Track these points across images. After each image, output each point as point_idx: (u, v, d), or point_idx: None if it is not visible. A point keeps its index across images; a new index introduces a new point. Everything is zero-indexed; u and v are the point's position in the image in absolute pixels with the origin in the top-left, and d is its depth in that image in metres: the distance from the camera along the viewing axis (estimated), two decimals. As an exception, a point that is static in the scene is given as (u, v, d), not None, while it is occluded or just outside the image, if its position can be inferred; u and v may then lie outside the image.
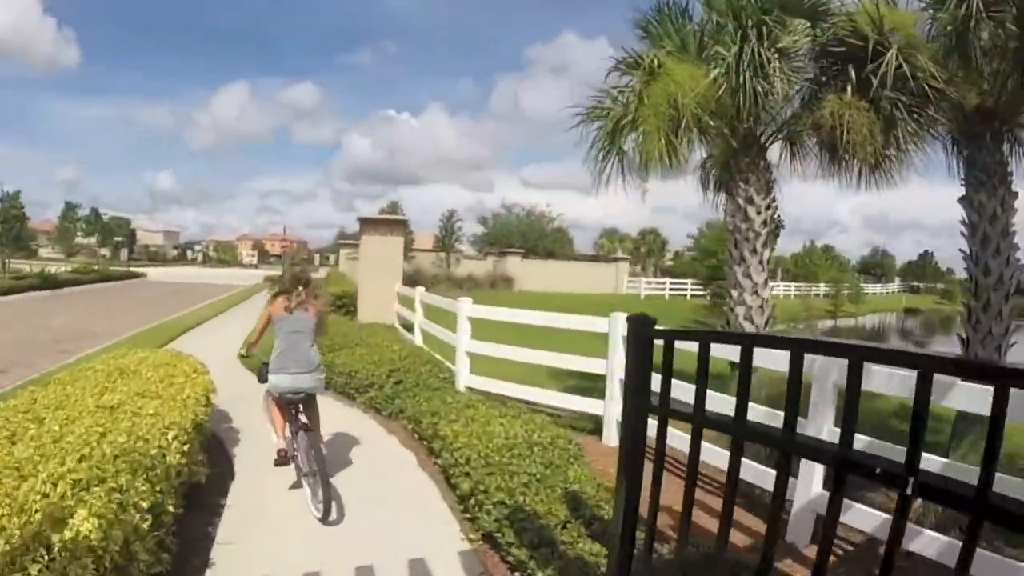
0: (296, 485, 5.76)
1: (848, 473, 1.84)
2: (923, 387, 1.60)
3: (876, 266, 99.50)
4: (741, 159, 8.99)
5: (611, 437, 7.31)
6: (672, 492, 3.34)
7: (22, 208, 27.80)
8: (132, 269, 52.76)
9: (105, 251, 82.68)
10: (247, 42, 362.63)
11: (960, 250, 7.93)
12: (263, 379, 5.79)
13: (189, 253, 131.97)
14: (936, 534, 4.05)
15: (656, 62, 8.00)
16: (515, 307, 9.65)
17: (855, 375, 1.85)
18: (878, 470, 1.72)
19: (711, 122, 8.46)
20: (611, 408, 7.29)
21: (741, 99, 7.96)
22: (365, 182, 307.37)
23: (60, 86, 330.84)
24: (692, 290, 44.79)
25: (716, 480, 6.10)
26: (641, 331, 2.70)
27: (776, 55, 7.79)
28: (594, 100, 9.20)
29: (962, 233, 7.87)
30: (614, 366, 7.23)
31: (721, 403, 5.17)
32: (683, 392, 3.48)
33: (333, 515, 5.11)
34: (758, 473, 5.11)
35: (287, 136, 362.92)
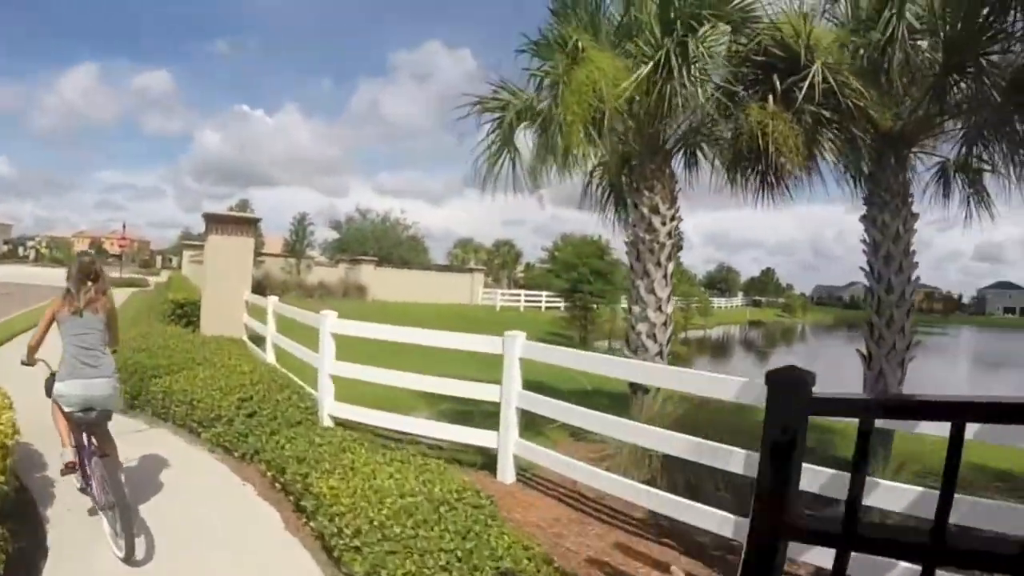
0: (93, 512, 5.09)
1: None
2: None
3: (721, 280, 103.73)
4: (647, 165, 8.39)
5: (507, 473, 6.45)
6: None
7: None
8: None
9: None
10: (99, 20, 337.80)
11: (861, 268, 8.14)
12: (50, 391, 5.09)
13: (20, 250, 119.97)
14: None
15: (579, 46, 7.14)
16: (370, 319, 8.69)
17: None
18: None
19: (623, 122, 7.64)
20: (508, 440, 6.40)
21: (655, 100, 7.46)
22: (214, 181, 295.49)
23: None
24: (548, 302, 44.84)
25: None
26: (794, 396, 1.49)
27: (704, 57, 7.25)
28: (489, 91, 8.44)
29: (864, 251, 8.01)
30: (510, 394, 6.35)
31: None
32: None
33: (139, 554, 4.52)
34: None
35: (136, 127, 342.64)
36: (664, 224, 8.30)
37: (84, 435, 5.04)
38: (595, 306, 30.24)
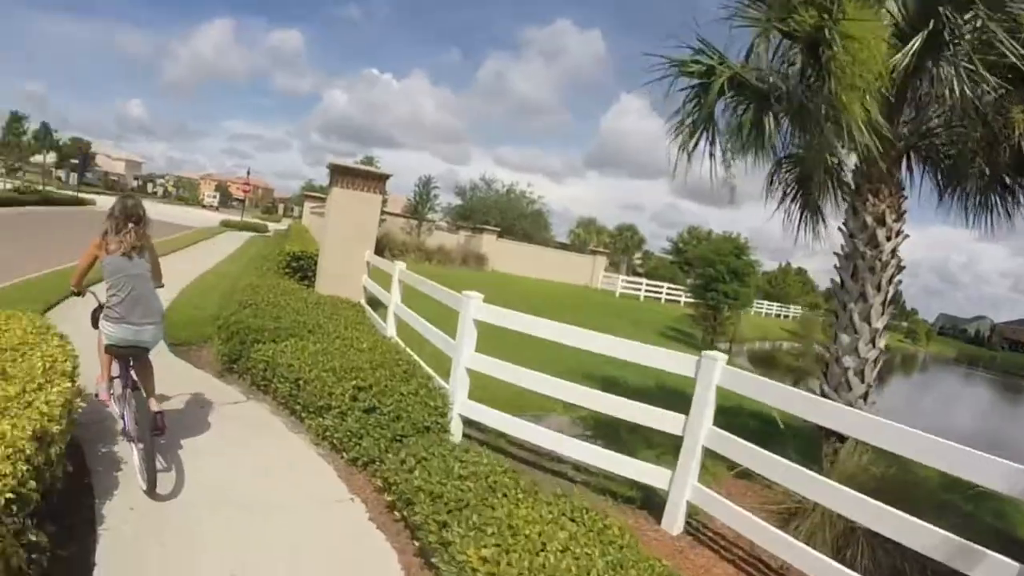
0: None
1: None
2: None
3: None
4: (877, 165, 6.63)
5: (675, 521, 5.15)
6: None
7: None
8: (80, 195, 45.74)
9: (61, 173, 76.79)
10: None
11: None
12: (96, 323, 5.14)
13: (150, 186, 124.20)
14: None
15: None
16: (491, 291, 7.34)
17: None
18: None
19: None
20: (684, 483, 5.06)
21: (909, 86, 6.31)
22: (339, 138, 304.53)
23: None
24: (668, 295, 43.33)
25: None
26: None
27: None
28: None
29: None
30: (698, 429, 4.96)
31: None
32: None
33: (159, 490, 4.52)
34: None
35: (266, 82, 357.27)
36: (889, 239, 6.64)
37: (125, 366, 5.11)
38: (725, 307, 28.30)
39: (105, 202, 51.34)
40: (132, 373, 5.09)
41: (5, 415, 3.41)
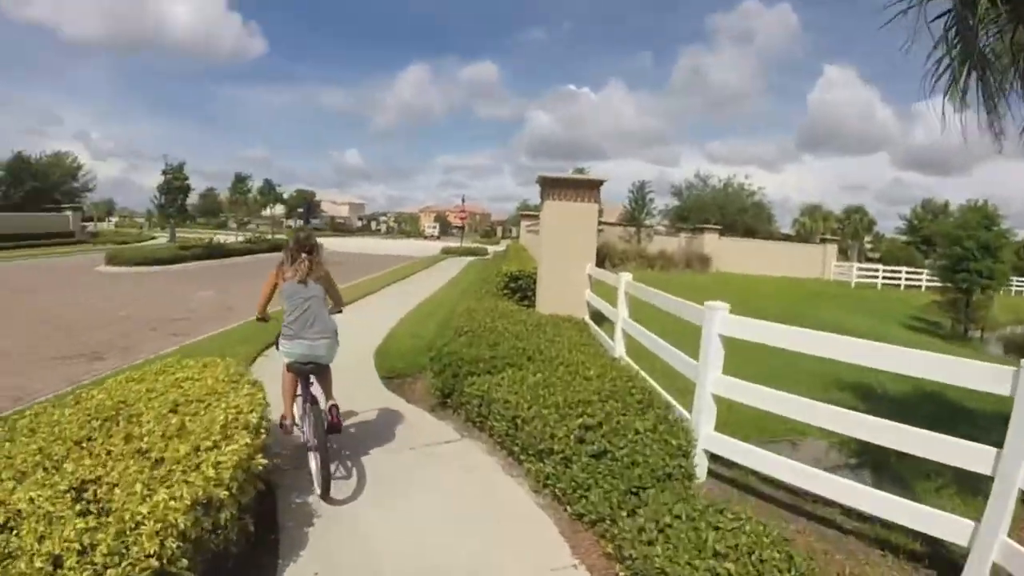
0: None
1: None
2: None
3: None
4: None
5: None
6: None
7: (186, 179, 25.45)
8: None
9: (291, 222, 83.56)
10: (422, 26, 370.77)
11: None
12: (278, 345, 5.77)
13: (373, 224, 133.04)
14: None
15: None
16: (718, 290, 6.13)
17: None
18: None
19: None
20: (990, 539, 3.56)
21: None
22: (547, 157, 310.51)
23: (247, 76, 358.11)
24: (907, 280, 39.21)
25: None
26: None
27: None
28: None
29: None
30: (1019, 470, 3.43)
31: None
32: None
33: (333, 493, 5.01)
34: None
35: (469, 114, 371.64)
36: None
37: (305, 383, 5.59)
38: (978, 289, 24.80)
39: (330, 243, 53.97)
40: (311, 391, 5.57)
41: (166, 481, 3.17)
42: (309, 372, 5.54)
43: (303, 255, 5.55)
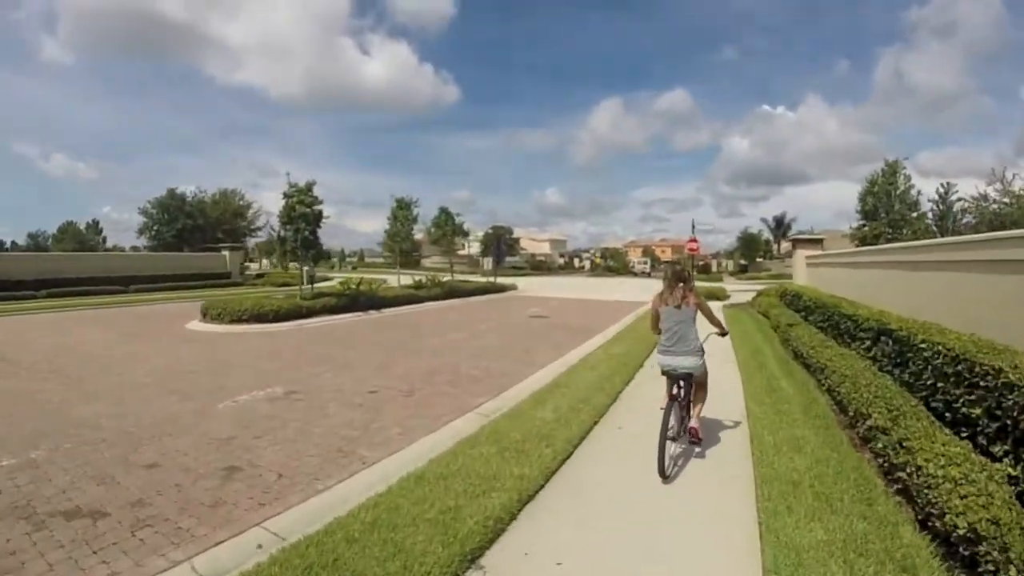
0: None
1: None
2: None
3: None
4: None
5: None
6: None
7: (317, 202, 19.82)
8: (497, 281, 41.09)
9: (486, 259, 75.60)
10: (608, 61, 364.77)
11: None
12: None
13: (576, 261, 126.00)
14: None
15: None
16: None
17: None
18: None
19: None
20: None
21: None
22: (747, 184, 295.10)
23: (444, 124, 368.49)
24: None
25: None
26: None
27: None
28: None
29: None
30: None
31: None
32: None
33: (668, 472, 6.20)
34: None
35: (665, 144, 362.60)
36: None
37: (675, 385, 6.80)
38: None
39: (529, 284, 47.46)
40: (681, 392, 6.81)
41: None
42: (678, 378, 6.76)
43: (679, 284, 6.90)
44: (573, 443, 7.17)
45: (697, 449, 6.89)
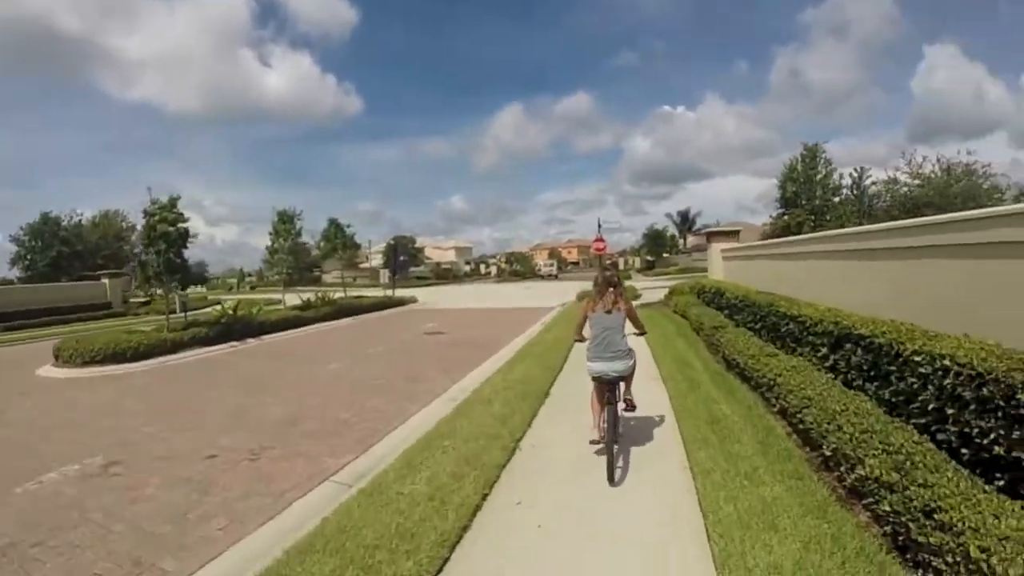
0: (600, 451, 6.82)
1: None
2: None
3: None
4: None
5: None
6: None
7: (182, 220, 18.02)
8: (394, 295, 38.28)
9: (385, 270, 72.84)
10: (509, 68, 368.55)
11: None
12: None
13: (483, 267, 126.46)
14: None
15: None
16: None
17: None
18: None
19: None
20: None
21: None
22: (650, 183, 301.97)
23: (347, 134, 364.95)
24: None
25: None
26: None
27: None
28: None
29: None
30: None
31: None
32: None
33: (616, 478, 6.21)
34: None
35: (567, 148, 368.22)
36: None
37: (606, 391, 6.69)
38: None
39: (429, 296, 45.76)
40: (615, 395, 6.69)
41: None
42: (609, 382, 6.72)
43: (610, 289, 7.04)
44: (450, 543, 5.05)
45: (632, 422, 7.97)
